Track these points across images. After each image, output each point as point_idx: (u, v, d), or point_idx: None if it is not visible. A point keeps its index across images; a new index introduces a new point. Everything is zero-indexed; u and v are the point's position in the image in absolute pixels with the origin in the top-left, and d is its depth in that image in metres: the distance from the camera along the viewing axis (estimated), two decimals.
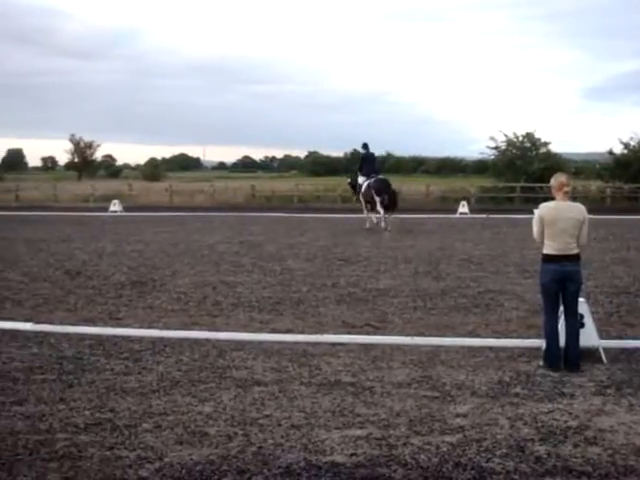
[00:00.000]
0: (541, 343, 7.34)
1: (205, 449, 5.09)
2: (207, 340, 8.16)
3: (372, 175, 22.58)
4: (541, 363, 7.12)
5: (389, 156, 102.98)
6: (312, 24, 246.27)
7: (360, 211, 23.87)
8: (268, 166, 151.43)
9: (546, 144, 38.68)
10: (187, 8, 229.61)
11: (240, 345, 7.95)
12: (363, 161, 23.44)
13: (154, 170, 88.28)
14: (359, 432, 5.40)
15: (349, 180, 25.91)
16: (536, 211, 7.36)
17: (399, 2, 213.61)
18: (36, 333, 8.58)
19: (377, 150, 27.39)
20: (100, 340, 8.22)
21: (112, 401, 6.12)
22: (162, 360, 7.36)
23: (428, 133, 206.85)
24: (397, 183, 31.22)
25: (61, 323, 9.15)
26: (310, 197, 38.74)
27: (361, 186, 22.75)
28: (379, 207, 21.87)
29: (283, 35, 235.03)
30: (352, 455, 4.96)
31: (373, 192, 21.82)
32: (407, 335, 8.43)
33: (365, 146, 23.36)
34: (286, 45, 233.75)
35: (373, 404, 6.04)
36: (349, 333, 8.58)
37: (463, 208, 30.44)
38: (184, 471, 4.74)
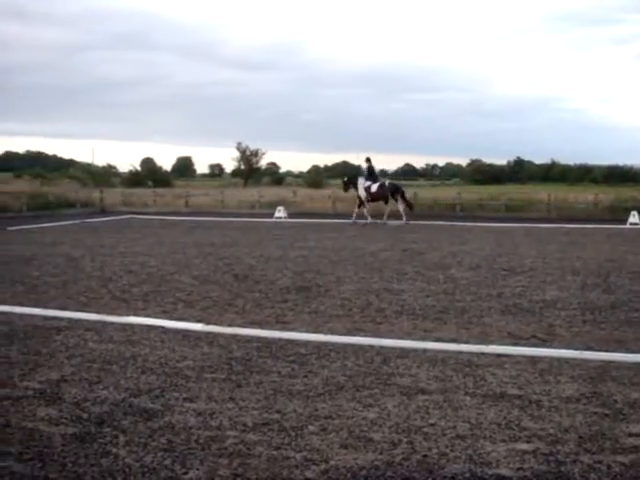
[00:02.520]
0: None
1: (370, 454, 5.12)
2: (371, 346, 8.20)
3: (379, 180, 30.99)
4: None
5: (554, 164, 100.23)
6: (475, 31, 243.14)
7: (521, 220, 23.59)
8: (429, 174, 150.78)
9: None
10: (352, 19, 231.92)
11: (404, 352, 7.95)
12: (369, 170, 30.72)
13: (317, 177, 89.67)
14: (526, 446, 5.27)
15: (345, 179, 32.12)
16: None
17: (564, 4, 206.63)
18: (206, 334, 8.91)
19: (541, 158, 28.48)
20: (267, 343, 8.43)
21: (279, 402, 6.26)
22: (327, 364, 7.46)
23: (595, 140, 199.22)
24: (563, 192, 30.46)
25: (230, 325, 9.44)
26: (473, 205, 38.22)
27: (369, 187, 29.83)
28: (399, 205, 29.86)
29: (446, 42, 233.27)
30: (518, 469, 4.86)
31: (388, 193, 29.78)
32: (575, 349, 8.16)
33: (369, 160, 30.86)
34: (449, 52, 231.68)
35: (540, 418, 5.89)
36: (515, 344, 8.40)
37: (634, 218, 29.23)
38: (349, 475, 4.78)
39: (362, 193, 30.18)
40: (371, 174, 30.74)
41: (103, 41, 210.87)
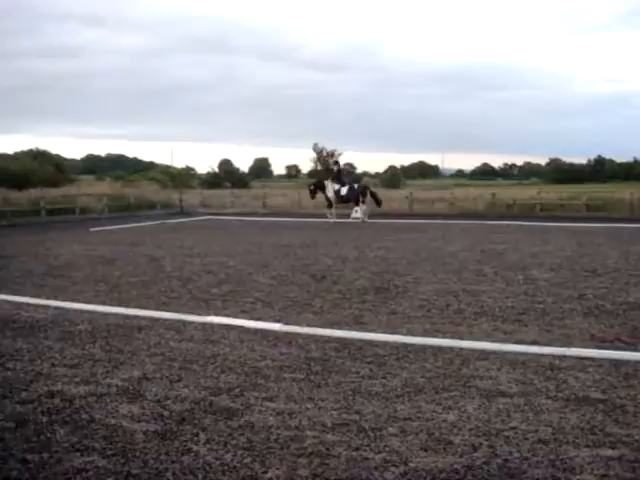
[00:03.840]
0: None
1: (450, 457, 5.06)
2: (450, 348, 8.11)
3: (349, 183, 31.81)
4: None
5: (636, 163, 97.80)
6: (553, 27, 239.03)
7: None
8: (507, 173, 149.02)
9: None
10: (428, 19, 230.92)
11: (484, 354, 7.84)
12: (339, 173, 32.50)
13: (394, 178, 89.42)
14: (610, 452, 5.14)
15: (312, 187, 33.03)
16: None
17: None
18: (285, 334, 8.95)
19: (623, 156, 28.10)
20: (345, 343, 8.42)
21: (358, 403, 6.25)
22: (406, 366, 7.42)
23: None
24: None
25: (308, 325, 9.46)
26: (553, 205, 37.56)
27: (339, 191, 31.27)
28: (362, 205, 31.21)
29: (523, 40, 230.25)
30: (603, 476, 4.73)
31: (359, 194, 31.30)
32: None
33: (337, 163, 34.72)
34: (527, 50, 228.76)
35: (626, 424, 5.72)
36: (598, 347, 8.19)
37: None
38: (429, 477, 4.73)
39: (331, 195, 31.52)
40: (339, 177, 32.03)
41: (182, 45, 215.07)
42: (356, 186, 32.11)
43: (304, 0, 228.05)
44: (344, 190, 31.19)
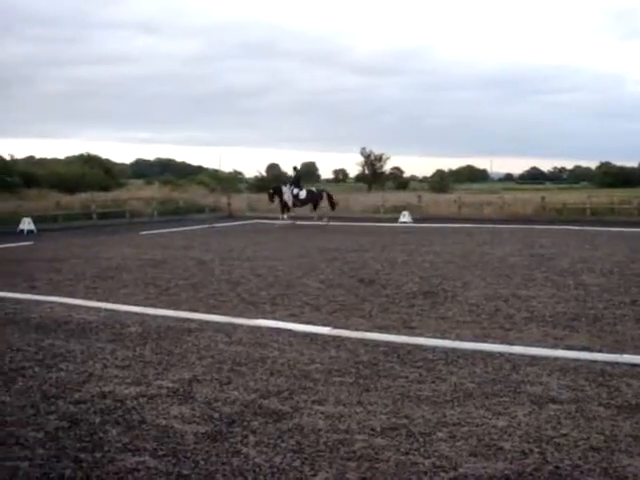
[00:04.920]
0: None
1: (500, 463, 5.02)
2: (500, 353, 8.05)
3: (304, 187, 33.80)
4: None
5: None
6: (603, 30, 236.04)
7: None
8: (557, 177, 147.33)
9: None
10: (477, 22, 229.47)
11: (534, 360, 7.76)
12: (297, 178, 34.01)
13: (442, 182, 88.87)
14: None
15: (271, 191, 34.21)
16: None
17: None
18: (334, 337, 8.96)
19: None
20: (394, 347, 8.40)
21: (407, 408, 6.23)
22: (455, 371, 7.38)
23: None
24: None
25: (357, 329, 9.47)
26: (603, 209, 37.02)
27: (298, 195, 32.73)
28: (317, 210, 33.48)
29: (573, 42, 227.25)
30: None
31: (318, 198, 33.40)
32: None
33: (296, 169, 35.09)
34: (576, 53, 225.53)
35: None
36: None
37: None
38: None
39: (289, 199, 32.96)
40: (297, 182, 33.63)
41: (230, 51, 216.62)
42: (314, 189, 34.82)
43: (352, 4, 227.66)
44: (303, 194, 32.97)
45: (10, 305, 11.53)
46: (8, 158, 52.13)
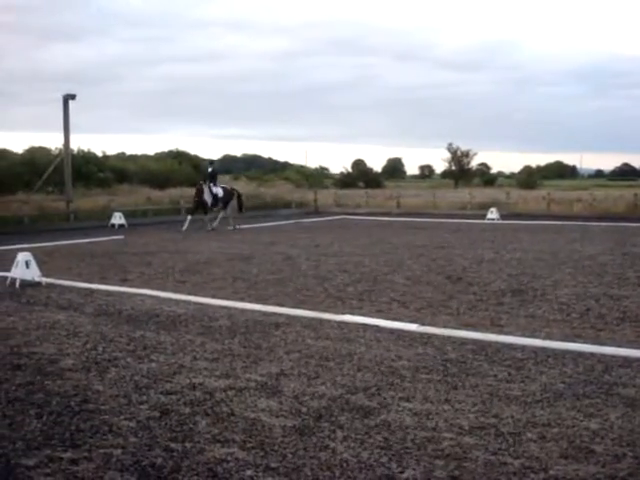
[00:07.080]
0: None
1: (591, 467, 4.91)
2: (592, 354, 7.88)
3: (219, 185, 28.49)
4: None
5: None
6: None
7: None
8: None
9: None
10: (567, 14, 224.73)
11: (627, 362, 7.57)
12: (212, 174, 28.19)
13: (530, 178, 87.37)
14: None
15: (201, 184, 28.09)
16: None
17: None
18: (421, 334, 8.92)
19: None
20: (482, 346, 8.32)
21: (496, 407, 6.16)
22: (545, 370, 7.25)
23: None
24: None
25: (444, 326, 9.40)
26: None
27: (217, 193, 27.68)
28: (229, 210, 28.28)
29: None
30: None
31: (233, 196, 28.44)
32: None
33: (212, 163, 29.95)
34: None
35: None
36: None
37: None
38: None
39: (208, 198, 27.66)
40: (213, 179, 28.16)
41: (319, 47, 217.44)
42: (228, 187, 29.61)
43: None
44: (221, 192, 28.05)
45: (103, 297, 11.84)
46: (100, 154, 53.27)
